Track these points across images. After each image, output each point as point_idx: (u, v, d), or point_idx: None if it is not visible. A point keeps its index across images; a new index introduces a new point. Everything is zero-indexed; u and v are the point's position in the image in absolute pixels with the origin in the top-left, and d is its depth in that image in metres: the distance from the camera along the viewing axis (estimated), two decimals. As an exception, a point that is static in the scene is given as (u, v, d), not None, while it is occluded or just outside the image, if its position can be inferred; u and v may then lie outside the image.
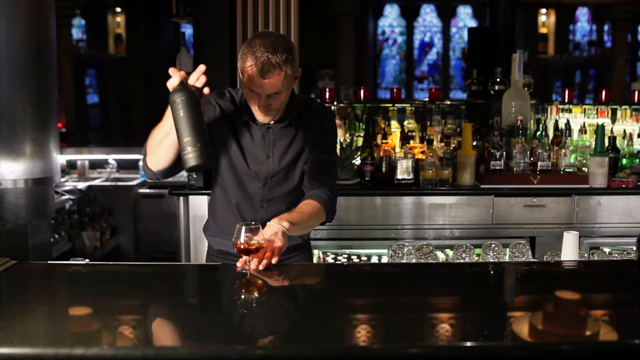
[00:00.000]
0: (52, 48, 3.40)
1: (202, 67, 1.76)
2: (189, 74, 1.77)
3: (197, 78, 1.76)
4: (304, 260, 2.25)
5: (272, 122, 2.03)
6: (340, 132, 3.76)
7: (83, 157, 6.06)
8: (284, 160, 2.06)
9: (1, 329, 1.32)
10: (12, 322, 1.37)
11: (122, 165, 6.08)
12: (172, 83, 1.71)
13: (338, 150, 3.48)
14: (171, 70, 1.72)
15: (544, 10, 11.18)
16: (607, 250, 3.11)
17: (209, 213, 2.25)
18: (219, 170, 2.11)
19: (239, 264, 1.77)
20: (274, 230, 1.81)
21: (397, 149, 3.67)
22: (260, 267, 1.74)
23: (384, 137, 3.68)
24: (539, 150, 3.54)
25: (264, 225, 1.85)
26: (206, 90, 1.78)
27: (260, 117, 1.99)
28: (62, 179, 5.42)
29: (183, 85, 1.71)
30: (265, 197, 2.08)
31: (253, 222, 1.78)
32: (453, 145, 3.62)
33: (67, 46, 9.26)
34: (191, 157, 1.65)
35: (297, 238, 2.15)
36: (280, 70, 1.84)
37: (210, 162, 1.71)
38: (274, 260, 1.76)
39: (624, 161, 3.74)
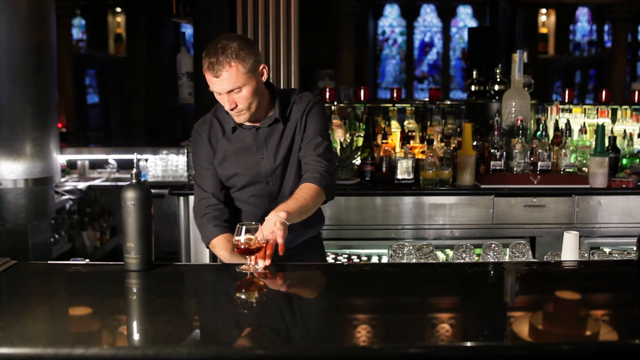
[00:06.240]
0: (52, 48, 3.40)
1: None
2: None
3: None
4: (317, 255, 2.27)
5: (258, 124, 2.07)
6: (340, 132, 3.76)
7: (83, 157, 6.06)
8: (278, 156, 2.10)
9: (1, 329, 1.32)
10: (12, 322, 1.36)
11: (122, 165, 6.08)
12: None
13: (338, 151, 3.49)
14: None
15: (544, 10, 11.18)
16: (607, 250, 3.10)
17: None
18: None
19: (243, 268, 1.78)
20: (272, 222, 1.81)
21: (397, 149, 3.66)
22: (267, 263, 1.76)
23: (384, 137, 3.68)
24: (539, 150, 3.53)
25: None
26: None
27: (235, 118, 2.02)
28: (62, 179, 5.42)
29: (139, 182, 1.74)
30: (273, 195, 2.12)
31: (253, 222, 1.79)
32: (453, 145, 3.62)
33: (67, 46, 9.25)
34: (132, 263, 1.75)
35: (309, 233, 2.20)
36: (229, 67, 1.87)
37: (149, 268, 1.76)
38: (279, 253, 1.78)
39: (624, 161, 3.73)
